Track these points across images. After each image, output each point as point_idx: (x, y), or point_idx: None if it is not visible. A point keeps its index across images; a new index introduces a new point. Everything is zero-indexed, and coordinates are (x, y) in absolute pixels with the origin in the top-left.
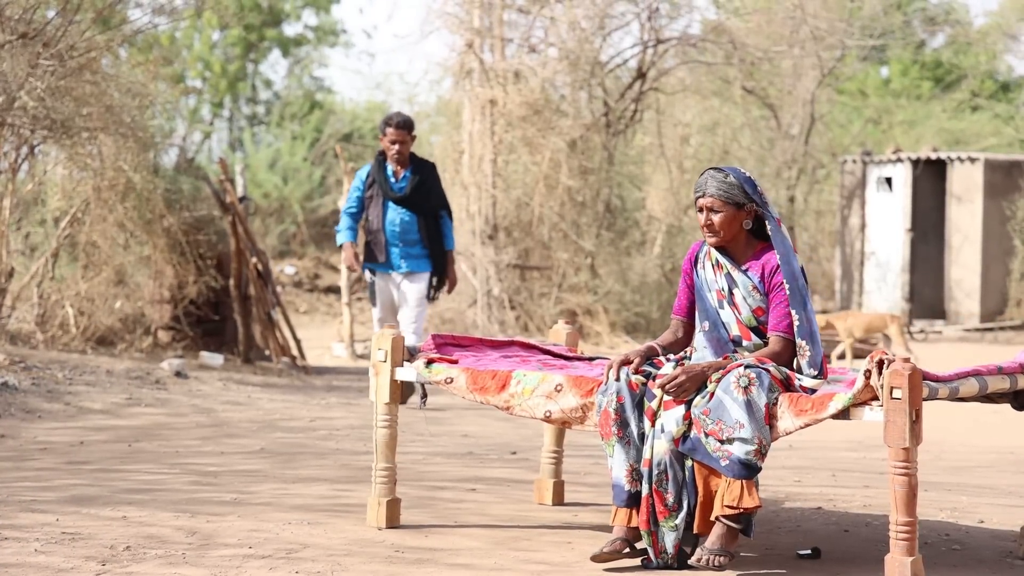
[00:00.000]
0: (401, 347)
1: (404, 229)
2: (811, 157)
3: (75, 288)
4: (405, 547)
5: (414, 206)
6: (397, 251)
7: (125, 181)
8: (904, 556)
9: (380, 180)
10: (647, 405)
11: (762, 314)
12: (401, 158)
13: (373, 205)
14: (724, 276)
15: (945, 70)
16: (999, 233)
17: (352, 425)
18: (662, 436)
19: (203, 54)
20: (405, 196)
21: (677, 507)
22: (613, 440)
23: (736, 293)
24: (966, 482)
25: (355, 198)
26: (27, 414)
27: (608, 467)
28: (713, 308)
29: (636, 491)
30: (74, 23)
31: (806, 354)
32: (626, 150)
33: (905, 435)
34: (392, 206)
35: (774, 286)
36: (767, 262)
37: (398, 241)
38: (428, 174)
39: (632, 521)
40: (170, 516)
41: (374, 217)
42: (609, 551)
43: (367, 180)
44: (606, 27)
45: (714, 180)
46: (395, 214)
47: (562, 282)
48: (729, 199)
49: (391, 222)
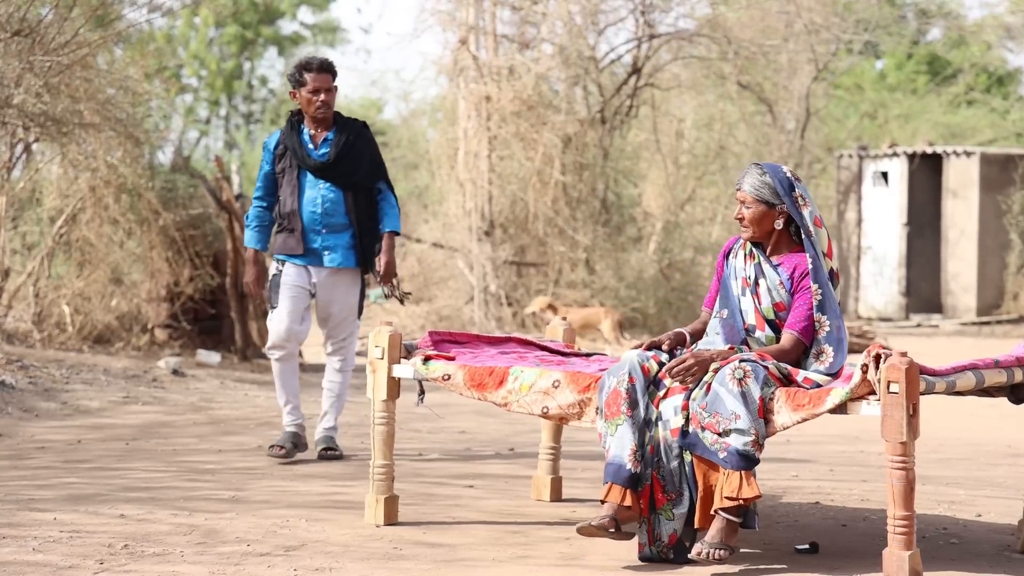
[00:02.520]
0: (399, 344)
1: (328, 210)
2: (807, 152)
3: (71, 287)
4: (403, 543)
5: (341, 178)
6: (320, 240)
7: (120, 179)
8: (902, 550)
9: (294, 147)
10: (657, 394)
11: (782, 310)
12: (327, 113)
13: (286, 181)
14: (754, 266)
15: (941, 64)
16: (995, 227)
17: (349, 422)
18: (660, 424)
19: (199, 52)
20: (328, 164)
21: (675, 496)
22: (621, 419)
23: (761, 283)
24: (964, 476)
25: (263, 176)
26: (24, 413)
27: (604, 447)
28: (735, 296)
29: (637, 472)
30: (68, 20)
31: (827, 361)
32: (622, 146)
33: (902, 429)
34: (311, 180)
35: (802, 288)
36: (799, 264)
37: (320, 227)
38: (357, 135)
39: (626, 500)
40: (168, 514)
41: (287, 196)
42: (597, 526)
43: (276, 150)
44: (600, 22)
45: (750, 176)
46: (315, 191)
47: (558, 278)
48: (759, 197)
49: (310, 201)
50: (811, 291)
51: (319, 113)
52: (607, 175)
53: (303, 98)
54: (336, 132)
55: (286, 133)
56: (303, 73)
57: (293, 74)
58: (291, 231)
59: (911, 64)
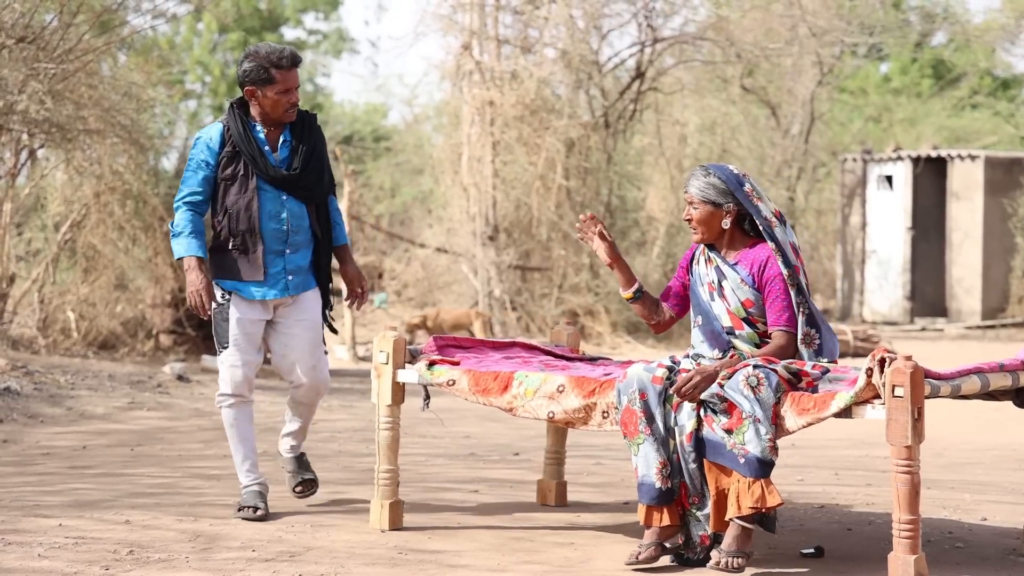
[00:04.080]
0: (403, 349)
1: (293, 227)
2: (811, 156)
3: (76, 293)
4: (408, 549)
5: (305, 191)
6: (282, 262)
7: (124, 185)
8: (907, 554)
9: (253, 154)
10: (674, 399)
11: (751, 306)
12: (294, 115)
13: (236, 190)
14: (714, 269)
15: (945, 68)
16: (1000, 230)
17: (354, 427)
18: (677, 430)
19: (203, 58)
20: (295, 176)
21: (698, 500)
22: (640, 438)
23: (725, 285)
24: (969, 480)
25: (202, 180)
26: (29, 419)
27: (633, 466)
28: (705, 301)
29: (667, 488)
30: (72, 27)
31: (815, 342)
32: (625, 150)
33: (907, 433)
34: (271, 192)
35: (767, 281)
36: (756, 258)
37: (283, 246)
38: (317, 136)
39: (664, 520)
40: (173, 520)
41: (240, 210)
42: (646, 556)
43: (222, 149)
44: (603, 27)
45: (695, 179)
46: (276, 205)
47: (563, 283)
48: (705, 198)
49: (272, 217)
50: (780, 281)
51: (288, 116)
52: (611, 179)
53: (268, 99)
54: (292, 132)
55: (235, 132)
56: (270, 70)
57: (255, 70)
58: (244, 252)
59: (916, 68)
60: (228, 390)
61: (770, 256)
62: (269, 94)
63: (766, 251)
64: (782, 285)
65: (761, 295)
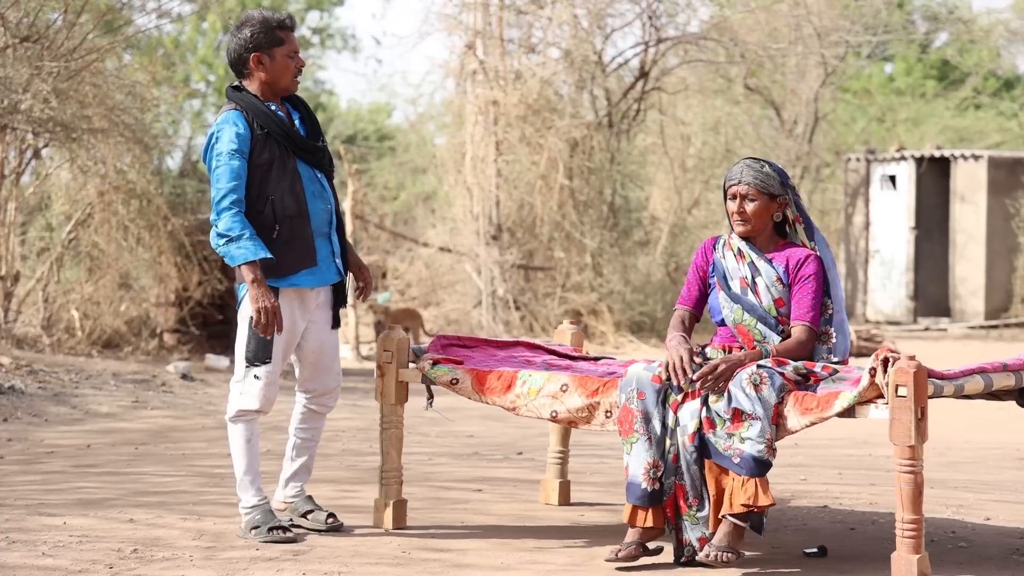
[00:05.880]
0: (407, 348)
1: (330, 206)
2: (815, 155)
3: (81, 292)
4: (412, 548)
5: (330, 165)
6: (329, 247)
7: (129, 184)
8: (911, 554)
9: (281, 128)
10: (672, 398)
11: (782, 305)
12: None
13: (277, 174)
14: (747, 265)
15: (949, 67)
16: (1003, 230)
17: (358, 426)
18: (679, 430)
19: (207, 57)
20: (324, 150)
21: (697, 502)
22: (635, 436)
23: (759, 282)
24: (972, 479)
25: (239, 172)
26: (34, 418)
27: (624, 464)
28: (737, 295)
29: (654, 489)
30: (77, 26)
31: (830, 341)
32: (628, 149)
33: (911, 433)
34: (308, 171)
35: (800, 278)
36: (791, 256)
37: (329, 228)
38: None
39: (648, 521)
40: (177, 518)
41: (283, 192)
42: (625, 555)
43: (252, 134)
44: (607, 27)
45: (751, 169)
46: (316, 183)
47: (566, 282)
48: (764, 189)
49: (316, 196)
50: (815, 281)
51: (294, 84)
52: (614, 179)
53: (277, 63)
54: (288, 102)
55: (258, 112)
56: (276, 31)
57: (259, 34)
58: (291, 240)
59: (920, 68)
60: (256, 406)
61: (810, 255)
62: (278, 56)
63: (805, 251)
64: (815, 285)
65: (790, 291)
